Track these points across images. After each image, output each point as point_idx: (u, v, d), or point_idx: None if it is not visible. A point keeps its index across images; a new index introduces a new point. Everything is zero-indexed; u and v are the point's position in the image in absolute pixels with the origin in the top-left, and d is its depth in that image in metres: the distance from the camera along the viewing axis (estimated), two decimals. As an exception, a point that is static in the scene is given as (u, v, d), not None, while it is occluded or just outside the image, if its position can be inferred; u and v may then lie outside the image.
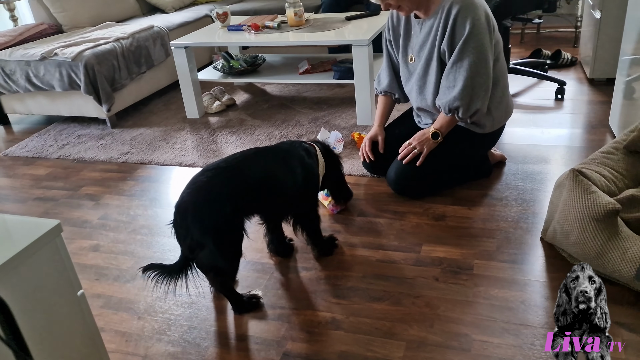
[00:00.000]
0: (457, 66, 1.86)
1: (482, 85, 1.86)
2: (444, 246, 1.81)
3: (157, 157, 2.69)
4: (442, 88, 1.92)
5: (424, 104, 2.05)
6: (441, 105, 1.94)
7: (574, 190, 1.61)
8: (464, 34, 1.82)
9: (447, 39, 1.86)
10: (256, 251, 1.89)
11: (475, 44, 1.82)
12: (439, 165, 2.05)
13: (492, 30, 1.86)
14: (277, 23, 3.01)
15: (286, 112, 3.08)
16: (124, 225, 2.15)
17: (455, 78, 1.87)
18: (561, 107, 2.81)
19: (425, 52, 1.96)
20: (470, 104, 1.88)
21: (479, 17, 1.81)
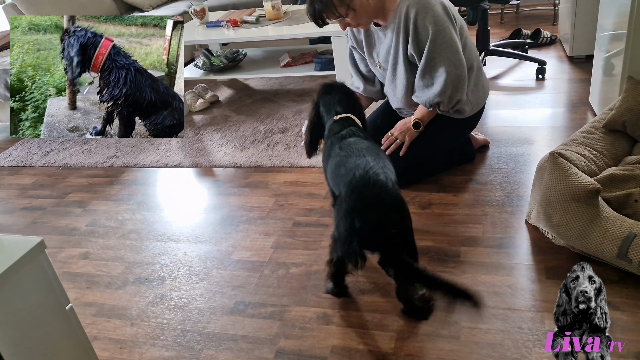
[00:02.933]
0: (430, 65, 1.86)
1: (460, 76, 1.86)
2: (431, 234, 1.83)
3: (143, 159, 2.68)
4: (419, 87, 1.93)
5: (399, 104, 2.07)
6: (420, 102, 1.95)
7: (554, 173, 1.63)
8: (429, 34, 1.81)
9: (412, 43, 1.86)
10: (245, 249, 1.90)
11: (442, 40, 1.82)
12: (422, 154, 2.06)
13: (453, 19, 1.86)
14: (256, 17, 2.99)
15: (270, 106, 3.07)
16: (113, 230, 2.15)
17: (432, 77, 1.87)
18: (542, 87, 2.83)
19: (390, 58, 1.97)
20: (452, 97, 1.89)
21: (438, 13, 1.80)
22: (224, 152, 2.63)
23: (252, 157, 2.53)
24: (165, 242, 2.02)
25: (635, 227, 1.49)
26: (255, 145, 2.64)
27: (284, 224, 2.01)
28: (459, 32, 1.89)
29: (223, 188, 2.32)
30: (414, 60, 1.91)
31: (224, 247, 1.94)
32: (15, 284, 1.04)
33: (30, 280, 1.07)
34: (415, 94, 1.97)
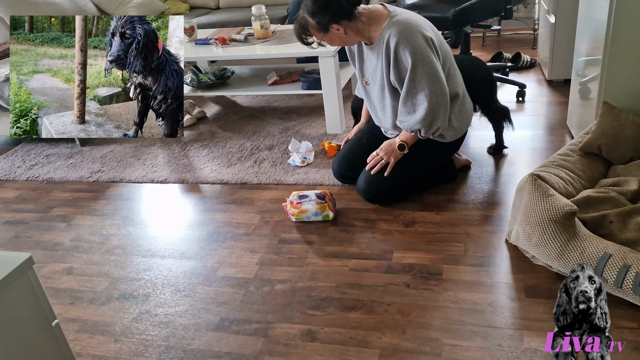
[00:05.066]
0: (411, 94, 1.91)
1: (441, 104, 1.92)
2: (414, 252, 1.87)
3: (129, 174, 2.69)
4: (402, 113, 1.98)
5: (386, 125, 2.12)
6: (402, 127, 2.01)
7: (533, 194, 1.68)
8: (409, 64, 1.87)
9: (393, 71, 1.92)
10: (230, 266, 1.92)
11: (422, 69, 1.87)
12: (406, 174, 2.11)
13: (434, 48, 1.91)
14: (244, 36, 3.04)
15: (256, 123, 3.11)
16: (97, 246, 2.15)
17: (413, 104, 1.93)
18: (522, 109, 2.91)
19: (377, 78, 2.03)
20: (432, 125, 1.94)
21: (418, 43, 1.86)
22: (210, 168, 2.64)
23: (239, 173, 2.55)
24: (150, 258, 2.02)
25: (610, 248, 1.54)
26: (242, 162, 2.67)
27: (269, 241, 2.03)
28: (442, 61, 1.94)
29: (209, 204, 2.34)
30: (396, 86, 1.97)
31: (209, 263, 1.95)
32: (2, 300, 1.05)
33: (17, 297, 1.08)
34: (399, 118, 2.02)
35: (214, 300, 1.76)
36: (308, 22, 1.90)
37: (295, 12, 3.49)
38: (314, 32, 1.93)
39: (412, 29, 1.86)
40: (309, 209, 2.07)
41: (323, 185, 2.37)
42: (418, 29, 1.87)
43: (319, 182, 2.39)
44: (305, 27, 1.93)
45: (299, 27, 1.94)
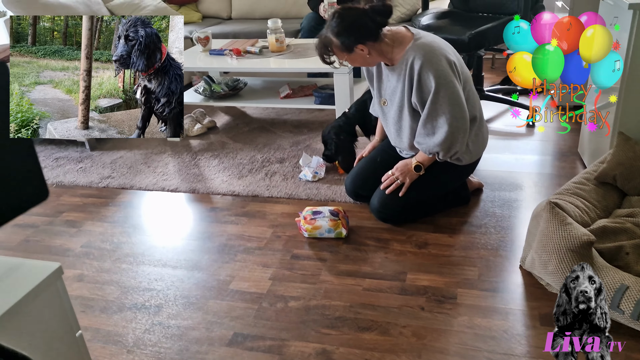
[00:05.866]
0: (432, 116, 1.93)
1: (460, 129, 1.94)
2: (428, 274, 1.87)
3: (139, 181, 2.68)
4: (421, 134, 1.99)
5: (402, 145, 2.14)
6: (421, 148, 2.02)
7: (551, 222, 1.69)
8: (432, 88, 1.88)
9: (415, 94, 1.93)
10: (243, 280, 1.91)
11: (445, 93, 1.88)
12: (421, 195, 2.12)
13: (457, 73, 1.93)
14: (259, 48, 3.06)
15: (267, 136, 3.11)
16: (108, 253, 2.14)
17: (433, 127, 1.94)
18: (532, 133, 2.93)
19: (396, 99, 2.04)
20: (451, 148, 1.96)
21: (442, 68, 1.87)
22: (221, 179, 2.65)
23: (250, 186, 2.55)
24: (161, 268, 2.02)
25: (627, 279, 1.55)
26: (253, 174, 2.67)
27: (282, 256, 2.03)
28: (462, 84, 1.96)
29: (220, 216, 2.34)
30: (417, 108, 1.98)
31: (221, 276, 1.94)
32: (31, 310, 1.04)
33: (46, 307, 1.07)
34: (417, 139, 2.03)
35: (226, 314, 1.75)
36: (332, 41, 1.91)
37: (309, 27, 3.53)
38: (337, 52, 1.94)
39: (436, 53, 1.88)
40: (322, 226, 2.07)
41: (335, 201, 2.37)
42: (442, 53, 1.89)
43: (331, 198, 2.39)
44: (328, 47, 1.94)
45: (322, 46, 1.95)
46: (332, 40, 1.91)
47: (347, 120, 2.53)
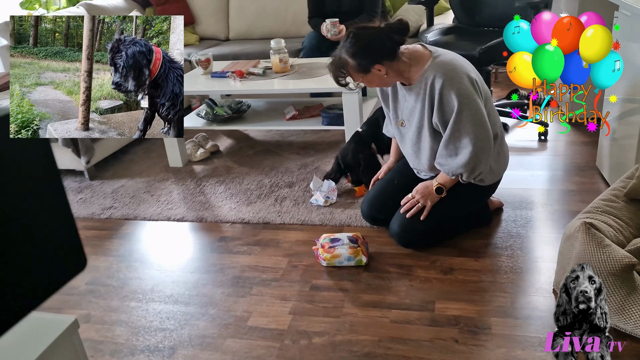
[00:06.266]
0: (455, 137, 1.85)
1: (485, 149, 1.86)
2: (457, 303, 1.77)
3: (143, 211, 2.58)
4: (442, 155, 1.91)
5: (421, 167, 2.05)
6: (443, 170, 1.94)
7: (588, 244, 1.60)
8: (454, 107, 1.80)
9: (437, 113, 1.85)
10: (261, 315, 1.80)
11: (468, 112, 1.81)
12: (443, 218, 2.03)
13: (479, 90, 1.86)
14: (262, 69, 2.98)
15: (273, 159, 3.02)
16: (115, 290, 2.02)
17: (456, 147, 1.86)
18: (545, 148, 2.86)
19: (415, 120, 1.96)
20: (475, 169, 1.88)
21: (464, 86, 1.80)
22: (229, 206, 2.54)
23: (260, 212, 2.45)
24: (173, 305, 1.90)
25: (676, 304, 1.46)
26: (262, 199, 2.57)
27: (301, 288, 1.92)
28: (484, 103, 1.89)
29: (231, 245, 2.23)
30: (438, 129, 1.90)
31: (238, 312, 1.83)
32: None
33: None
34: (438, 160, 1.95)
35: (247, 354, 1.64)
36: (347, 62, 1.83)
37: (310, 46, 3.46)
38: (353, 74, 1.87)
39: (457, 71, 1.81)
40: (342, 254, 1.97)
41: (350, 226, 2.28)
42: (464, 71, 1.82)
43: (346, 223, 2.29)
44: (342, 68, 1.86)
45: (335, 68, 1.87)
46: (347, 62, 1.83)
47: (362, 140, 2.44)
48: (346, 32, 1.87)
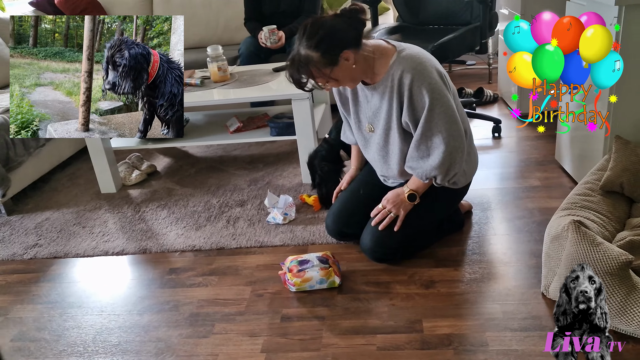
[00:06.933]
0: (426, 136, 1.71)
1: (459, 148, 1.73)
2: (446, 319, 1.62)
3: (75, 247, 2.25)
4: (413, 158, 1.77)
5: (390, 173, 1.90)
6: (415, 174, 1.79)
7: (579, 244, 1.50)
8: (426, 104, 1.66)
9: (407, 112, 1.71)
10: (229, 358, 1.56)
11: (440, 109, 1.68)
12: (418, 227, 1.88)
13: (448, 85, 1.75)
14: (199, 79, 2.73)
15: (219, 176, 2.77)
16: (49, 345, 1.70)
17: (428, 147, 1.72)
18: (501, 145, 2.81)
19: (381, 122, 1.80)
20: (449, 171, 1.74)
21: (435, 81, 1.67)
22: (175, 232, 2.27)
23: (212, 237, 2.20)
24: (121, 356, 1.62)
25: (680, 300, 1.38)
26: (212, 222, 2.32)
27: (270, 320, 1.70)
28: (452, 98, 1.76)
29: (184, 278, 1.97)
30: (408, 128, 1.75)
31: (201, 356, 1.58)
32: None
33: None
34: (409, 164, 1.80)
35: None
36: (310, 58, 1.62)
37: (248, 52, 3.24)
38: (318, 71, 1.64)
39: (426, 65, 1.66)
40: (313, 277, 1.77)
41: (315, 244, 2.08)
42: (432, 64, 1.68)
43: (310, 241, 2.09)
44: (306, 66, 1.65)
45: (296, 69, 1.66)
46: (310, 57, 1.62)
47: (330, 147, 2.25)
48: (301, 26, 1.67)
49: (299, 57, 1.63)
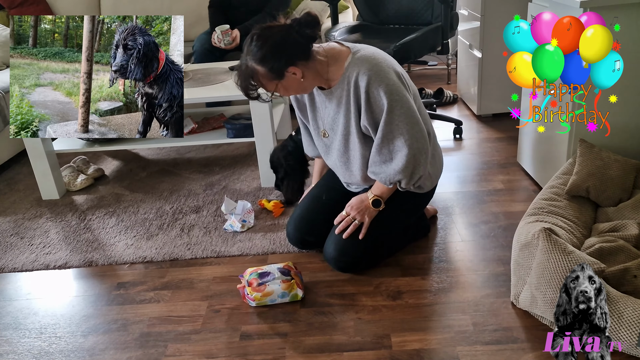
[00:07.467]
0: (388, 139, 1.63)
1: (422, 150, 1.65)
2: (415, 333, 1.54)
3: (11, 260, 2.05)
4: (376, 162, 1.69)
5: (353, 180, 1.82)
6: (378, 179, 1.71)
7: (551, 252, 1.46)
8: (384, 106, 1.59)
9: (365, 115, 1.63)
10: (185, 382, 1.43)
11: (400, 110, 1.61)
12: (383, 233, 1.80)
13: (407, 85, 1.68)
14: (150, 78, 2.56)
15: (172, 181, 2.61)
16: (-21, 375, 1.53)
17: (390, 151, 1.65)
18: (462, 147, 2.77)
19: (340, 127, 1.72)
20: (414, 174, 1.67)
21: (393, 82, 1.60)
22: (124, 242, 2.11)
23: (164, 247, 2.06)
24: None
25: (651, 309, 1.35)
26: (165, 231, 2.17)
27: (229, 338, 1.58)
28: (413, 98, 1.69)
29: (133, 293, 1.82)
30: (368, 133, 1.67)
31: (153, 382, 1.45)
32: None
33: None
34: (371, 169, 1.71)
35: None
36: (256, 71, 1.54)
37: (202, 49, 3.09)
38: (264, 82, 1.58)
39: (382, 66, 1.59)
40: (274, 290, 1.66)
41: (276, 253, 1.97)
42: (389, 64, 1.61)
43: (271, 250, 1.98)
44: (251, 78, 1.57)
45: (243, 79, 1.58)
46: (256, 70, 1.54)
47: (295, 145, 2.14)
48: (249, 35, 1.58)
49: (245, 69, 1.57)
